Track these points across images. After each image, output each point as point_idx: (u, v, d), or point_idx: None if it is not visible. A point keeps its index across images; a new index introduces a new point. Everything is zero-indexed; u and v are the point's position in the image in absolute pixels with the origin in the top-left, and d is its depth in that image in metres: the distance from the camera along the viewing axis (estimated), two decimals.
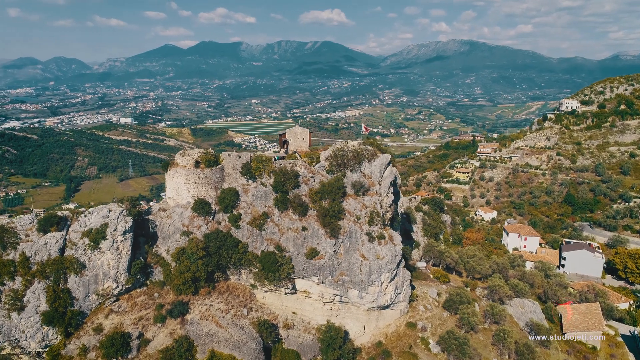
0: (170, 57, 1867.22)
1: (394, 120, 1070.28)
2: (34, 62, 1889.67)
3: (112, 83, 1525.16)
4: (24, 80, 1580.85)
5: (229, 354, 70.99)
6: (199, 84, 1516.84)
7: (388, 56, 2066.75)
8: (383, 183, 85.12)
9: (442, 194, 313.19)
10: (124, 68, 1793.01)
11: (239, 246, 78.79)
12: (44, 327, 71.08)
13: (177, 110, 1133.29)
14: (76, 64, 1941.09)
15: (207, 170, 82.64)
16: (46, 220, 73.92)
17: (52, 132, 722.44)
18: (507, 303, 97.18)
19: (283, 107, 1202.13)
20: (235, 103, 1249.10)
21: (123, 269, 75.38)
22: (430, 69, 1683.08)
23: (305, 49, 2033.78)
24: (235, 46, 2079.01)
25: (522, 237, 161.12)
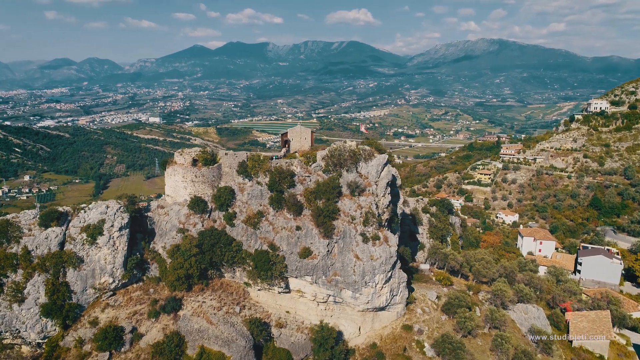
0: (199, 57, 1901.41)
1: (420, 121, 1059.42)
2: (69, 63, 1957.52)
3: (142, 83, 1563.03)
4: (59, 81, 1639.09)
5: (218, 351, 71.70)
6: (226, 84, 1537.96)
7: (415, 56, 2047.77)
8: (380, 183, 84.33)
9: (463, 195, 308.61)
10: (154, 68, 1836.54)
11: (233, 244, 79.57)
12: (42, 318, 73.52)
13: (204, 110, 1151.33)
14: (108, 65, 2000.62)
15: (204, 168, 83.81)
16: (47, 215, 76.47)
17: (83, 131, 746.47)
18: (510, 308, 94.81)
19: (308, 107, 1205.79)
20: (261, 103, 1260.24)
21: (119, 264, 77.24)
22: (458, 69, 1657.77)
23: (331, 49, 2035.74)
24: (262, 46, 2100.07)
25: (537, 241, 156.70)
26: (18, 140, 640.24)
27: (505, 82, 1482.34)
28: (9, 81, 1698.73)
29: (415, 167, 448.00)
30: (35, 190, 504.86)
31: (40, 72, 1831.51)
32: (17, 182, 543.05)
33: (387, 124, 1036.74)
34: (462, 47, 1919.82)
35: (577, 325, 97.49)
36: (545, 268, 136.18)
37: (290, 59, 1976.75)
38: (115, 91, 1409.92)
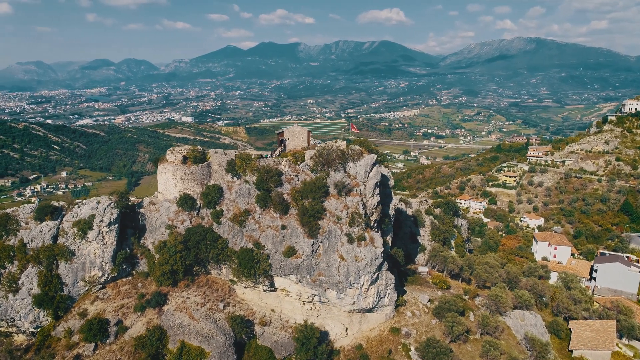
0: (231, 58, 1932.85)
1: (451, 121, 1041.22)
2: (107, 64, 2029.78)
3: (176, 83, 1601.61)
4: (98, 81, 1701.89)
5: (198, 346, 72.76)
6: (258, 84, 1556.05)
7: (448, 55, 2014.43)
8: (368, 184, 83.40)
9: (487, 198, 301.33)
10: (188, 69, 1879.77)
11: (218, 242, 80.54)
12: (35, 308, 76.60)
13: (235, 110, 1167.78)
14: (145, 65, 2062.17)
15: (194, 166, 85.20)
16: (41, 209, 79.68)
17: (117, 129, 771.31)
18: (507, 314, 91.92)
19: (338, 107, 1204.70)
20: (291, 103, 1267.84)
21: (108, 259, 79.55)
22: (492, 69, 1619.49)
23: (362, 49, 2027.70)
24: (293, 47, 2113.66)
25: (552, 246, 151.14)
26: (57, 138, 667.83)
27: (542, 82, 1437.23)
28: (52, 81, 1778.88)
29: (440, 169, 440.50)
30: (71, 186, 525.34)
31: (81, 73, 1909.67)
32: (54, 178, 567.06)
33: (417, 124, 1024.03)
34: (497, 46, 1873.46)
35: (579, 334, 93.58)
36: (557, 274, 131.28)
37: (321, 59, 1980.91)
38: (151, 91, 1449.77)
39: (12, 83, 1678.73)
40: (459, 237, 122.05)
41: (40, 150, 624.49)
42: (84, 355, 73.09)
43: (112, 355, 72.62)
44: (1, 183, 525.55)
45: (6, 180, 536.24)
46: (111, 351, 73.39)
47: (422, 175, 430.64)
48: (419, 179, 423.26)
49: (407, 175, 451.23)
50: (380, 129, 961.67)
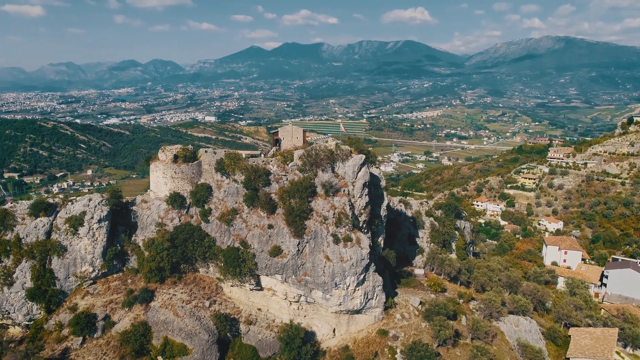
0: (255, 58, 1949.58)
1: (475, 122, 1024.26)
2: (135, 65, 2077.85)
3: (201, 83, 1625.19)
4: (126, 81, 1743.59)
5: (181, 343, 73.65)
6: (281, 84, 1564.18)
7: (473, 55, 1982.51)
8: (356, 184, 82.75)
9: (505, 200, 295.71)
10: (212, 69, 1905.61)
11: (205, 240, 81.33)
12: (28, 302, 78.97)
13: (257, 110, 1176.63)
14: (171, 66, 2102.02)
15: (184, 165, 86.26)
16: (34, 206, 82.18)
17: (141, 129, 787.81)
18: (501, 319, 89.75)
19: (360, 107, 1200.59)
20: (313, 103, 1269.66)
21: (98, 255, 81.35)
22: (519, 68, 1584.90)
23: (386, 49, 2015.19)
24: (316, 47, 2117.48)
25: (562, 251, 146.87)
26: (83, 137, 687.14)
27: (570, 82, 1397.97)
28: (81, 82, 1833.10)
29: (459, 170, 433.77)
30: (96, 184, 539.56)
31: (109, 73, 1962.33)
32: (81, 175, 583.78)
33: (440, 125, 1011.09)
34: (524, 45, 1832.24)
35: (578, 342, 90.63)
36: (564, 279, 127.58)
37: (344, 59, 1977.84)
38: (176, 91, 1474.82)
39: (44, 83, 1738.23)
40: (461, 239, 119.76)
41: (68, 148, 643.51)
42: (72, 349, 74.99)
43: (98, 350, 74.28)
44: (30, 180, 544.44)
45: (35, 177, 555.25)
46: (98, 345, 75.07)
47: (440, 177, 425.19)
48: (437, 180, 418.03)
49: (426, 177, 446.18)
50: (402, 130, 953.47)
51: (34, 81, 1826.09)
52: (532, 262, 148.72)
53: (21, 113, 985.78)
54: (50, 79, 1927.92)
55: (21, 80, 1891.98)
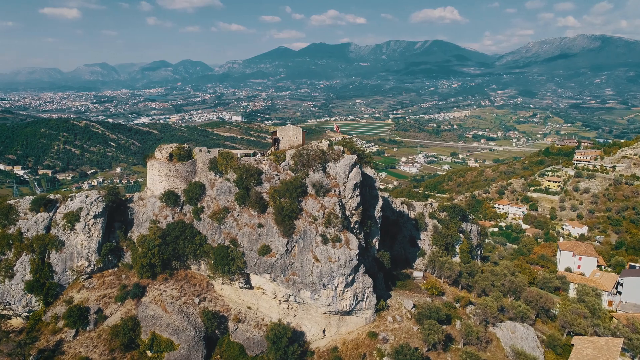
0: (283, 58, 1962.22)
1: (504, 123, 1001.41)
2: (165, 65, 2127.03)
3: (229, 83, 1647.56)
4: (157, 81, 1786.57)
5: (167, 338, 74.81)
6: (308, 85, 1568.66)
7: (504, 54, 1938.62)
8: (348, 184, 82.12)
9: (527, 203, 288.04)
10: (240, 69, 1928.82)
11: (196, 237, 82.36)
12: (27, 294, 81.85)
13: (284, 110, 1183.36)
14: (200, 66, 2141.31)
15: (178, 164, 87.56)
16: (35, 201, 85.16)
17: (169, 128, 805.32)
18: (498, 325, 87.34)
19: (387, 108, 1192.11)
20: (339, 103, 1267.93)
21: (94, 250, 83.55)
22: (551, 68, 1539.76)
23: (414, 49, 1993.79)
24: (344, 47, 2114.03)
25: (576, 257, 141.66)
26: (114, 136, 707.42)
27: (606, 82, 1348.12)
28: (114, 82, 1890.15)
29: (482, 172, 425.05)
30: (124, 181, 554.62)
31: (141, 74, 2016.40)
32: (110, 173, 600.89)
33: (467, 125, 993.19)
34: (557, 44, 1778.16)
35: (580, 351, 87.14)
36: (574, 286, 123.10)
37: (372, 59, 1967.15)
38: (205, 91, 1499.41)
39: (79, 84, 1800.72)
40: (465, 242, 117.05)
41: (99, 146, 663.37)
42: (65, 341, 77.33)
43: (89, 342, 76.33)
44: (63, 177, 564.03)
45: (67, 174, 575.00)
46: (89, 338, 77.13)
47: (463, 179, 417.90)
48: (460, 182, 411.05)
49: (448, 178, 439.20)
50: (428, 130, 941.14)
51: (70, 81, 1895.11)
52: (544, 268, 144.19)
53: (57, 112, 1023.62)
54: (85, 79, 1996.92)
55: (58, 81, 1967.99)
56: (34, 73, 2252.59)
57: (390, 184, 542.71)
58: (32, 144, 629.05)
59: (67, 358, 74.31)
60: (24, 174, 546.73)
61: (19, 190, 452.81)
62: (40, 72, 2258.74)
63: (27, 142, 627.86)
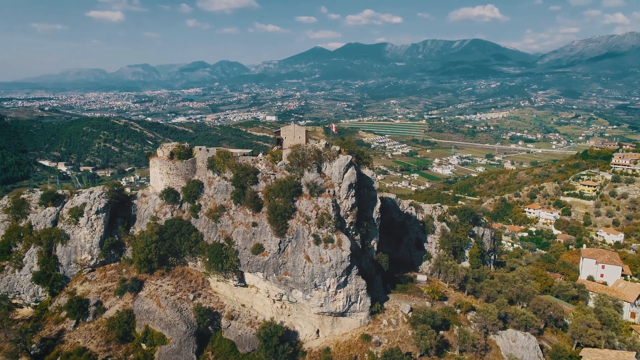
0: (318, 59, 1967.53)
1: (544, 125, 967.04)
2: (203, 66, 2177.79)
3: (265, 84, 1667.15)
4: (195, 81, 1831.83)
5: (160, 332, 76.51)
6: (342, 85, 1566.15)
7: (547, 53, 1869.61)
8: (343, 185, 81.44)
9: (560, 208, 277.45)
10: (276, 70, 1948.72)
11: (192, 235, 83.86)
12: (34, 284, 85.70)
13: (317, 110, 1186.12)
14: (237, 67, 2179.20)
15: (178, 162, 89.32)
16: (43, 196, 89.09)
17: (204, 127, 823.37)
18: (499, 333, 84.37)
19: (422, 108, 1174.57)
20: (374, 103, 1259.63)
21: (96, 244, 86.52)
22: (597, 67, 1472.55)
23: (451, 48, 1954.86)
24: (379, 47, 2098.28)
25: (599, 265, 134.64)
26: (151, 134, 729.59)
27: None
28: (155, 82, 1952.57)
29: (516, 174, 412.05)
30: None
31: (180, 74, 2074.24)
32: (146, 170, 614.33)
33: (505, 127, 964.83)
34: (604, 42, 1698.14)
35: None
36: (594, 295, 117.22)
37: (408, 59, 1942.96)
38: (241, 91, 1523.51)
39: (121, 84, 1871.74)
40: (476, 246, 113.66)
41: (137, 145, 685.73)
42: (66, 330, 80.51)
43: (87, 333, 79.16)
44: (102, 173, 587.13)
45: (107, 171, 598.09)
46: (88, 329, 80.00)
47: (495, 181, 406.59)
48: (492, 185, 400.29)
49: (480, 181, 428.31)
50: (463, 132, 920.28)
51: (113, 82, 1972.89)
52: (564, 275, 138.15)
53: (100, 111, 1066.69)
54: (128, 79, 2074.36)
55: (102, 81, 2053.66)
56: (81, 74, 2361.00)
57: (422, 185, 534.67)
58: (75, 142, 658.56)
59: (66, 347, 77.36)
60: (66, 170, 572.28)
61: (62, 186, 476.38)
62: (87, 73, 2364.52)
63: (70, 140, 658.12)
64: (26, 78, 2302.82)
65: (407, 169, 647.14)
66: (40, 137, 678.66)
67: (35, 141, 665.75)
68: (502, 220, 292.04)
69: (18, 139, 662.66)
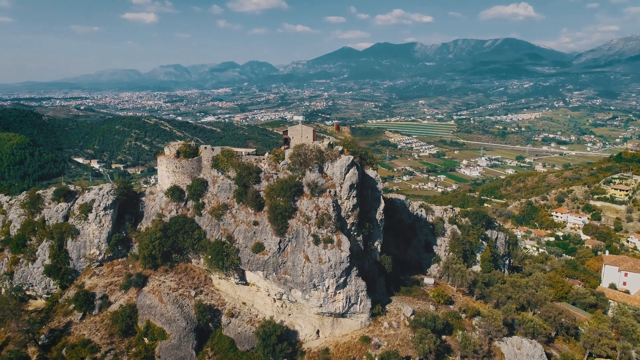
0: (346, 59, 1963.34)
1: (579, 126, 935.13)
2: (233, 66, 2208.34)
3: (293, 84, 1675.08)
4: (224, 82, 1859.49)
5: (160, 327, 77.90)
6: (370, 85, 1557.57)
7: (583, 53, 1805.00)
8: (344, 185, 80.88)
9: (589, 213, 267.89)
10: (304, 70, 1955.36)
11: (195, 232, 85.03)
12: (46, 277, 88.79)
13: (345, 110, 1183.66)
14: (266, 67, 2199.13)
15: (184, 160, 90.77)
16: (56, 192, 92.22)
17: (231, 127, 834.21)
18: (504, 340, 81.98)
19: (451, 109, 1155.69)
20: (402, 103, 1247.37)
21: (104, 239, 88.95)
22: (638, 67, 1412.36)
23: (483, 48, 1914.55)
24: (408, 47, 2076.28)
25: (622, 272, 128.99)
26: (180, 133, 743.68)
27: None
28: (186, 82, 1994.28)
29: (545, 177, 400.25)
30: None
31: (210, 74, 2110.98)
32: None
33: (537, 128, 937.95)
34: None
35: None
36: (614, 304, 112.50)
37: (438, 58, 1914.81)
38: (269, 91, 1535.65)
39: (154, 84, 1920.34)
40: (488, 250, 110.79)
41: (166, 143, 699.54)
42: (73, 322, 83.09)
43: (92, 326, 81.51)
44: (133, 171, 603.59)
45: (137, 168, 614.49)
46: (93, 322, 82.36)
47: (523, 184, 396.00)
48: (519, 188, 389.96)
49: (507, 183, 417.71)
50: (493, 133, 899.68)
51: (146, 82, 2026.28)
52: (584, 282, 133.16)
53: (133, 110, 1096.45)
54: (160, 79, 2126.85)
55: (136, 81, 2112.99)
56: (115, 74, 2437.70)
57: (448, 187, 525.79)
58: (108, 140, 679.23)
59: (72, 339, 79.89)
60: (99, 167, 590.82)
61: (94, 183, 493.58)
62: (121, 74, 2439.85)
63: (103, 138, 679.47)
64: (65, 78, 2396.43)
65: (433, 170, 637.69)
66: (75, 135, 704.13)
67: (71, 139, 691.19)
68: (527, 224, 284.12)
69: (55, 137, 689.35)
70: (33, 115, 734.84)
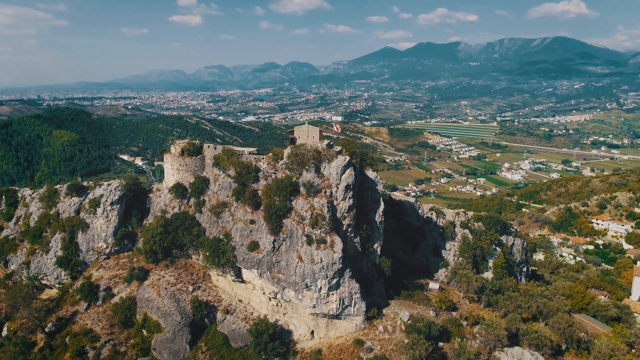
0: (388, 59, 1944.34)
1: (633, 129, 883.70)
2: (275, 66, 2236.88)
3: (333, 84, 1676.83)
4: (266, 82, 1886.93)
5: (156, 321, 79.86)
6: (412, 85, 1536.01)
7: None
8: (340, 186, 79.91)
9: (634, 221, 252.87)
10: (345, 70, 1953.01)
11: (194, 229, 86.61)
12: (57, 268, 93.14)
13: (384, 110, 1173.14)
14: (307, 67, 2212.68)
15: (188, 158, 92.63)
16: (69, 187, 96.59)
17: (270, 126, 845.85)
18: (504, 351, 78.43)
19: (495, 110, 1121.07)
20: (443, 104, 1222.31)
21: (111, 233, 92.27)
22: None
23: (531, 47, 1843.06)
24: (452, 46, 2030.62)
25: None
26: (220, 132, 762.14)
27: None
28: (229, 82, 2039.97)
29: (589, 182, 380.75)
30: None
31: (252, 75, 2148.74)
32: None
33: (586, 130, 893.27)
34: None
35: None
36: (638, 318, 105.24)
37: (482, 58, 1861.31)
38: (310, 91, 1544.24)
39: (198, 84, 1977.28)
40: (501, 256, 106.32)
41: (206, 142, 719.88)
42: (79, 312, 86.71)
43: (95, 316, 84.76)
44: None
45: None
46: (97, 312, 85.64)
47: (564, 189, 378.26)
48: (560, 193, 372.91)
49: (547, 188, 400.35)
50: (538, 135, 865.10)
51: (191, 82, 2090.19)
52: (610, 294, 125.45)
53: (177, 110, 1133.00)
54: (205, 80, 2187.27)
55: (181, 82, 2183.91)
56: (162, 75, 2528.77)
57: (488, 190, 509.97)
58: (151, 138, 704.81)
59: (75, 328, 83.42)
60: (142, 164, 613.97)
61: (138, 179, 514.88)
62: (168, 74, 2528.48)
63: (147, 136, 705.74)
64: (115, 79, 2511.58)
65: (473, 172, 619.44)
66: (121, 133, 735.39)
67: (117, 137, 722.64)
68: (565, 230, 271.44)
69: (102, 134, 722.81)
70: (83, 114, 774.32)
